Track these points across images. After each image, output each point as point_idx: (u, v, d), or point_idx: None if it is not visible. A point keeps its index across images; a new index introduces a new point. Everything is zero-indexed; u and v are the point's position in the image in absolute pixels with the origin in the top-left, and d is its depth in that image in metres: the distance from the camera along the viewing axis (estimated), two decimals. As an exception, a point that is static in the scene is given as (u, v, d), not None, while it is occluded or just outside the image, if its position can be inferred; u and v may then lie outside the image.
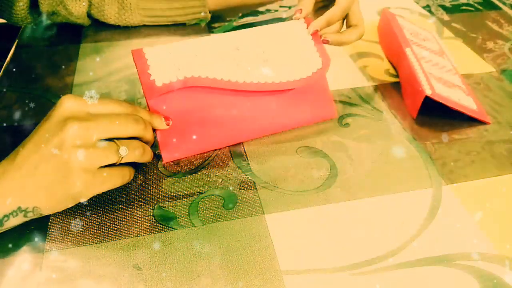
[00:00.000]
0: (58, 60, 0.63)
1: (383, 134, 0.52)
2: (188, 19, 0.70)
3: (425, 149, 0.50)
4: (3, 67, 0.62)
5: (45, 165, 0.36)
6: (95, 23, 0.70)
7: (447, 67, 0.60)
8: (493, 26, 0.75)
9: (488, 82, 0.61)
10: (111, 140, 0.39)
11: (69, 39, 0.68)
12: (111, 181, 0.39)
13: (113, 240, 0.39)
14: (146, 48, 0.46)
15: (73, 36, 0.68)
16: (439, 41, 0.66)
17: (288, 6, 0.78)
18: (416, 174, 0.47)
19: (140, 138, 0.42)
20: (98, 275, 0.37)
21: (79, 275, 0.37)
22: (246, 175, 0.46)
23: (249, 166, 0.47)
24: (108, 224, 0.41)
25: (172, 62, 0.45)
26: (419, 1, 0.82)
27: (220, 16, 0.74)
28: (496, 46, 0.69)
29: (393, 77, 0.61)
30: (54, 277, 0.36)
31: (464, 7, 0.81)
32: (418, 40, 0.62)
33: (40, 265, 0.37)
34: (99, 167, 0.38)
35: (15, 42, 0.67)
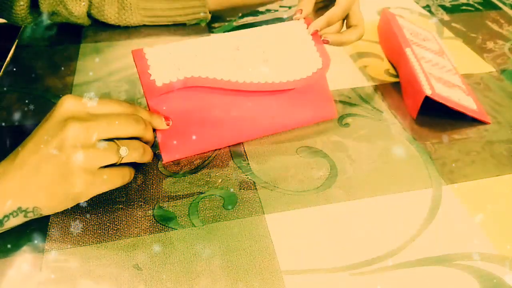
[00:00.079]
0: (58, 60, 0.63)
1: (383, 134, 0.52)
2: (188, 19, 0.70)
3: (425, 149, 0.50)
4: (3, 67, 0.62)
5: (46, 165, 0.36)
6: (95, 23, 0.70)
7: (447, 67, 0.60)
8: (493, 26, 0.75)
9: (488, 82, 0.61)
10: (111, 140, 0.39)
11: (69, 39, 0.68)
12: (111, 181, 0.39)
13: (113, 240, 0.39)
14: (146, 48, 0.46)
15: (73, 36, 0.68)
16: (439, 41, 0.66)
17: (288, 6, 0.78)
18: (416, 174, 0.47)
19: (140, 138, 0.42)
20: (98, 275, 0.37)
21: (79, 275, 0.37)
22: (246, 175, 0.46)
23: (249, 166, 0.47)
24: (108, 224, 0.41)
25: (172, 62, 0.45)
26: (419, 1, 0.82)
27: (220, 16, 0.74)
28: (496, 46, 0.69)
29: (393, 77, 0.61)
30: (54, 277, 0.36)
31: (464, 7, 0.81)
32: (418, 40, 0.62)
33: (40, 265, 0.37)
34: (99, 167, 0.38)
35: (15, 42, 0.67)
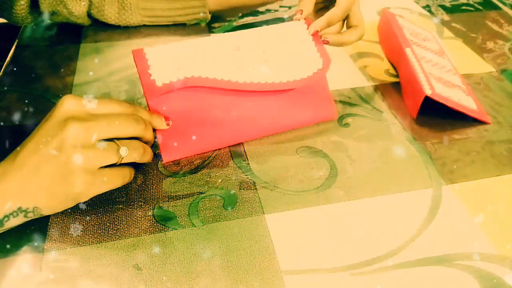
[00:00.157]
0: (58, 60, 0.63)
1: (383, 134, 0.52)
2: (188, 19, 0.70)
3: (425, 149, 0.50)
4: (3, 67, 0.62)
5: (46, 166, 0.36)
6: (95, 23, 0.70)
7: (447, 67, 0.60)
8: (493, 26, 0.75)
9: (488, 82, 0.61)
10: (111, 141, 0.39)
11: (69, 39, 0.68)
12: (112, 182, 0.39)
13: (113, 240, 0.39)
14: (147, 48, 0.46)
15: (73, 36, 0.68)
16: (439, 41, 0.66)
17: (288, 6, 0.78)
18: (416, 174, 0.47)
19: (140, 138, 0.42)
20: (98, 275, 0.37)
21: (79, 275, 0.37)
22: (246, 175, 0.46)
23: (249, 166, 0.47)
24: (108, 224, 0.41)
25: (173, 62, 0.45)
26: (419, 1, 0.82)
27: (220, 16, 0.74)
28: (496, 46, 0.69)
29: (393, 77, 0.61)
30: (54, 277, 0.36)
31: (464, 7, 0.81)
32: (418, 40, 0.62)
33: (40, 265, 0.37)
34: (100, 168, 0.38)
35: (15, 42, 0.67)
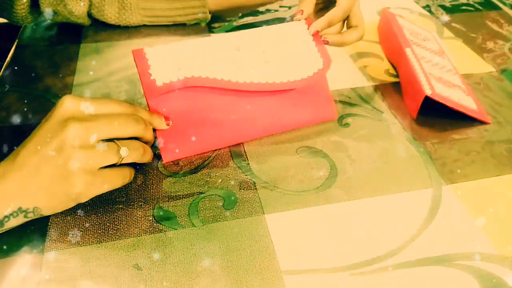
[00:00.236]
0: (58, 60, 0.63)
1: (383, 134, 0.52)
2: (188, 19, 0.70)
3: (425, 149, 0.50)
4: (3, 67, 0.62)
5: (46, 166, 0.36)
6: (95, 23, 0.70)
7: (447, 67, 0.60)
8: (493, 26, 0.75)
9: (488, 82, 0.61)
10: (112, 141, 0.39)
11: (69, 39, 0.68)
12: (112, 182, 0.39)
13: (113, 240, 0.39)
14: (147, 48, 0.46)
15: (73, 36, 0.68)
16: (439, 41, 0.66)
17: (288, 6, 0.78)
18: (416, 174, 0.47)
19: (140, 138, 0.42)
20: (98, 275, 0.37)
21: (79, 275, 0.37)
22: (246, 175, 0.46)
23: (249, 166, 0.47)
24: (108, 224, 0.41)
25: (173, 62, 0.45)
26: (419, 1, 0.82)
27: (220, 16, 0.74)
28: (496, 46, 0.69)
29: (393, 77, 0.61)
30: (54, 277, 0.36)
31: (464, 7, 0.81)
32: (418, 40, 0.61)
33: (40, 265, 0.37)
34: (100, 168, 0.38)
35: (15, 42, 0.67)
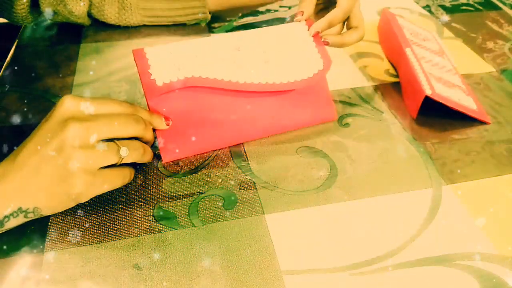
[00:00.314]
0: (58, 60, 0.63)
1: (383, 134, 0.52)
2: (188, 19, 0.70)
3: (425, 149, 0.50)
4: (3, 67, 0.62)
5: (46, 166, 0.36)
6: (95, 23, 0.70)
7: (447, 67, 0.60)
8: (493, 26, 0.75)
9: (488, 82, 0.61)
10: (111, 141, 0.39)
11: (69, 39, 0.68)
12: (112, 182, 0.39)
13: (113, 240, 0.39)
14: (147, 48, 0.46)
15: (73, 36, 0.68)
16: (439, 41, 0.66)
17: (288, 6, 0.78)
18: (416, 174, 0.47)
19: (140, 138, 0.42)
20: (98, 275, 0.37)
21: (79, 275, 0.37)
22: (246, 175, 0.46)
23: (249, 166, 0.47)
24: (108, 224, 0.41)
25: (173, 62, 0.45)
26: (419, 1, 0.82)
27: (220, 16, 0.74)
28: (496, 46, 0.69)
29: (393, 77, 0.61)
30: (54, 277, 0.36)
31: (464, 7, 0.81)
32: (418, 40, 0.61)
33: (40, 265, 0.37)
34: (100, 168, 0.38)
35: (15, 42, 0.67)
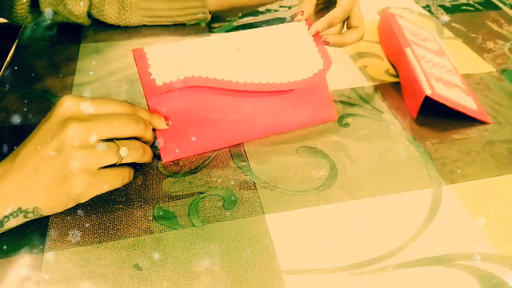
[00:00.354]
0: (58, 60, 0.63)
1: (383, 134, 0.52)
2: (188, 19, 0.70)
3: (425, 149, 0.50)
4: (3, 67, 0.62)
5: (45, 166, 0.36)
6: (95, 23, 0.70)
7: (447, 67, 0.60)
8: (493, 26, 0.75)
9: (488, 82, 0.61)
10: (111, 141, 0.39)
11: (69, 39, 0.68)
12: (111, 182, 0.39)
13: (113, 240, 0.39)
14: (147, 48, 0.46)
15: (73, 36, 0.68)
16: (439, 41, 0.66)
17: (288, 6, 0.78)
18: (416, 174, 0.47)
19: (140, 138, 0.42)
20: (98, 275, 0.37)
21: (79, 275, 0.37)
22: (246, 175, 0.46)
23: (249, 166, 0.47)
24: (108, 224, 0.41)
25: (173, 62, 0.45)
26: (419, 1, 0.82)
27: (220, 16, 0.74)
28: (496, 46, 0.69)
29: (393, 77, 0.61)
30: (54, 277, 0.36)
31: (464, 7, 0.81)
32: (418, 40, 0.61)
33: (40, 265, 0.37)
34: (99, 168, 0.38)
35: (15, 42, 0.67)
